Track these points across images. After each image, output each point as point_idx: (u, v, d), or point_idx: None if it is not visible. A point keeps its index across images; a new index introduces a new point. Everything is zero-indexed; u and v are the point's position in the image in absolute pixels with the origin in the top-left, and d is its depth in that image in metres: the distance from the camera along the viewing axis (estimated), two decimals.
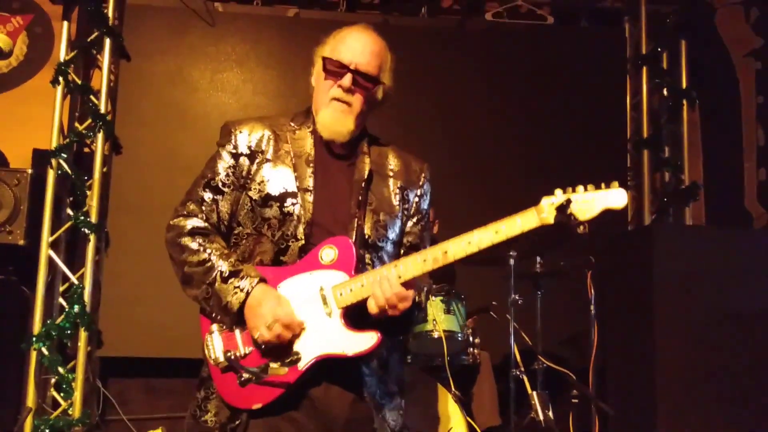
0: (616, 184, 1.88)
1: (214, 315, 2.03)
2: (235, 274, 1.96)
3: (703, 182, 5.69)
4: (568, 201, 1.87)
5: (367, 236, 2.05)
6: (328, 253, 1.97)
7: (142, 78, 5.04)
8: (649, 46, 5.75)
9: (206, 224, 2.07)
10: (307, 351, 1.92)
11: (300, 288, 1.97)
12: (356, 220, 2.05)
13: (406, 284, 1.92)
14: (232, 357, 1.92)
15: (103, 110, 4.80)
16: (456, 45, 5.44)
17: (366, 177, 2.10)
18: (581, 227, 1.87)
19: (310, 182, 2.05)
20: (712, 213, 5.84)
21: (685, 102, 5.64)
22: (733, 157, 5.95)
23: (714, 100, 5.94)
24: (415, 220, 2.19)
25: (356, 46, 2.07)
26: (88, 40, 4.89)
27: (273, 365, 1.89)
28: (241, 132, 2.11)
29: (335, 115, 2.07)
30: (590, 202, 1.87)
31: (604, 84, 5.66)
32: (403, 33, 5.26)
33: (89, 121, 4.83)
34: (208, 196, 2.08)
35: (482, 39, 5.51)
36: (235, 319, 1.99)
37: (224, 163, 2.09)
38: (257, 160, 2.07)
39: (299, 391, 1.94)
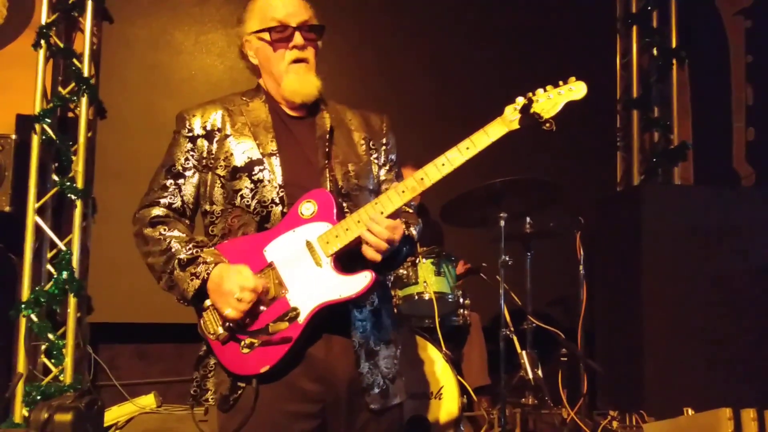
0: (573, 78, 1.94)
1: (182, 303, 2.02)
2: (192, 261, 1.96)
3: (692, 142, 5.70)
4: (530, 101, 1.90)
5: (340, 186, 2.04)
6: (307, 207, 1.96)
7: (126, 40, 4.96)
8: (639, 4, 5.72)
9: (167, 212, 2.06)
10: (305, 304, 1.91)
11: (286, 247, 1.95)
12: (327, 171, 2.04)
13: (390, 217, 1.93)
14: (232, 326, 1.91)
15: (86, 74, 4.73)
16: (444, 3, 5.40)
17: (328, 130, 2.10)
18: (547, 124, 1.89)
19: (273, 146, 2.04)
20: (700, 173, 5.86)
21: (674, 61, 5.63)
22: (722, 117, 5.95)
23: (703, 59, 5.92)
24: (387, 168, 2.20)
25: (283, 2, 2.09)
26: (70, 2, 4.79)
27: (272, 323, 1.89)
28: (194, 116, 2.09)
29: (300, 77, 2.07)
30: (552, 99, 1.91)
31: (594, 43, 5.62)
32: None
33: (72, 85, 4.76)
34: (169, 182, 2.07)
35: None
36: (195, 305, 1.98)
37: (182, 147, 2.08)
38: (216, 138, 2.06)
39: (302, 354, 1.93)
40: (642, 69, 5.75)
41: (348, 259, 1.95)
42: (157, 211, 2.05)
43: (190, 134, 2.07)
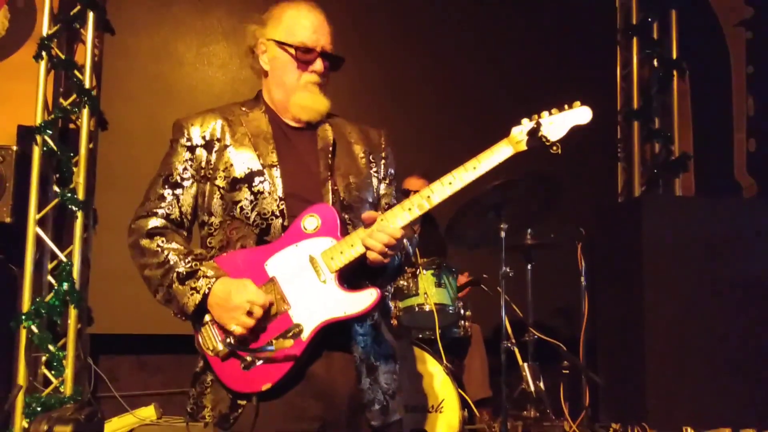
0: (578, 103, 1.95)
1: (180, 317, 2.00)
2: (191, 274, 1.93)
3: (693, 153, 5.71)
4: (538, 124, 1.92)
5: (342, 198, 2.03)
6: (310, 221, 1.94)
7: (127, 52, 4.96)
8: (640, 15, 5.73)
9: (165, 222, 2.03)
10: (308, 321, 1.88)
11: (289, 261, 1.93)
12: (330, 183, 2.03)
13: None
14: (232, 342, 1.87)
15: (87, 85, 4.73)
16: (448, 7, 5.43)
17: (332, 142, 2.10)
18: (554, 148, 1.91)
19: (273, 157, 2.02)
20: (701, 184, 5.85)
21: (675, 72, 5.64)
22: (723, 128, 5.96)
23: (704, 70, 5.93)
24: (387, 182, 2.20)
25: (314, 25, 2.09)
26: (71, 13, 4.80)
27: (276, 340, 1.86)
28: (193, 125, 2.06)
29: (312, 95, 2.08)
30: (558, 123, 1.93)
31: (594, 55, 5.63)
32: None
33: (74, 96, 4.76)
34: (167, 192, 2.03)
35: (473, 5, 5.47)
36: (193, 320, 1.96)
37: (180, 157, 2.05)
38: (215, 149, 2.03)
39: (303, 370, 1.91)
40: (643, 80, 5.76)
41: (351, 275, 1.93)
42: (155, 222, 2.02)
43: (189, 143, 2.05)
